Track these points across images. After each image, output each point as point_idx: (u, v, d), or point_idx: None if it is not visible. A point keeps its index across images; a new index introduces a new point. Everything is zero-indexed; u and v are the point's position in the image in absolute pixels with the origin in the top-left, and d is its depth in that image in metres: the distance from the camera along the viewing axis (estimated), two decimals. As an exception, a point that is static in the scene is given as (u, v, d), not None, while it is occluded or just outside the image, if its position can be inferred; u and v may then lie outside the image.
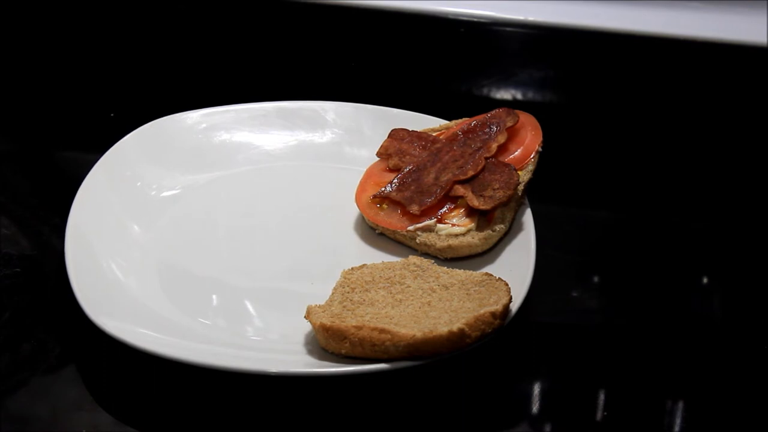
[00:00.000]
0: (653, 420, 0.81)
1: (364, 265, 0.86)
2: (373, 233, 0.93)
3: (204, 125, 1.02)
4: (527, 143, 0.95)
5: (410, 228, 0.90)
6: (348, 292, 0.83)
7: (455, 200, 0.91)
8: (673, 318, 0.90)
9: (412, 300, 0.82)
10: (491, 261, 0.89)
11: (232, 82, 1.19)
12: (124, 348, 0.77)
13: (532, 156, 0.94)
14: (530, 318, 0.86)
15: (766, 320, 0.90)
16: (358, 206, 0.93)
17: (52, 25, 1.26)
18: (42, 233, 0.95)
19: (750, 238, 0.99)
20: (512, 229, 0.90)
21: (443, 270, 0.85)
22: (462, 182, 0.91)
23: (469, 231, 0.89)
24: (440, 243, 0.88)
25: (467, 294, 0.82)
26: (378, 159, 0.97)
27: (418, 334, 0.75)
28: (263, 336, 0.83)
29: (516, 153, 0.94)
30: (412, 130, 0.97)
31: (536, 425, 0.81)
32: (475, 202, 0.89)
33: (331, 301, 0.82)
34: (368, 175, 0.95)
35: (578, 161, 1.09)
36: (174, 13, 1.26)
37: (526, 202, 0.93)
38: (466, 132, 0.96)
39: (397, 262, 0.87)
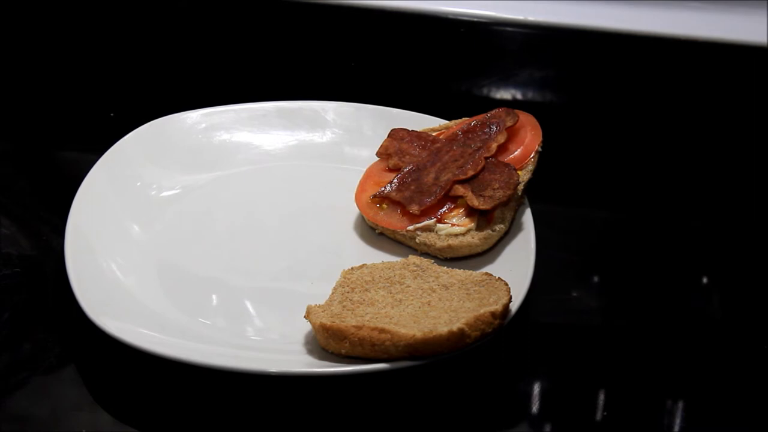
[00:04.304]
0: (653, 420, 0.81)
1: (363, 264, 0.86)
2: (373, 233, 0.93)
3: (203, 125, 1.02)
4: (527, 143, 0.95)
5: (410, 228, 0.90)
6: (348, 292, 0.83)
7: (455, 200, 0.91)
8: (673, 318, 0.90)
9: (412, 300, 0.82)
10: (491, 261, 0.89)
11: (232, 82, 1.19)
12: (124, 348, 0.77)
13: (531, 156, 0.94)
14: (530, 318, 0.86)
15: (766, 320, 0.90)
16: (358, 206, 0.93)
17: (52, 25, 1.26)
18: (42, 233, 0.95)
19: (750, 237, 0.99)
20: (512, 229, 0.90)
21: (443, 270, 0.85)
22: (462, 182, 0.91)
23: (468, 231, 0.89)
24: (440, 243, 0.88)
25: (467, 294, 0.82)
26: (378, 159, 0.97)
27: (418, 334, 0.75)
28: (263, 336, 0.83)
29: (516, 153, 0.94)
30: (412, 130, 0.97)
31: (536, 425, 0.81)
32: (475, 202, 0.89)
33: (330, 301, 0.82)
34: (368, 175, 0.95)
35: (578, 161, 1.09)
36: (174, 13, 1.26)
37: (526, 202, 0.93)
38: (466, 132, 0.96)
39: (396, 262, 0.87)
